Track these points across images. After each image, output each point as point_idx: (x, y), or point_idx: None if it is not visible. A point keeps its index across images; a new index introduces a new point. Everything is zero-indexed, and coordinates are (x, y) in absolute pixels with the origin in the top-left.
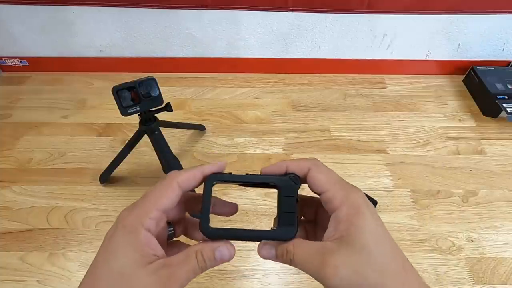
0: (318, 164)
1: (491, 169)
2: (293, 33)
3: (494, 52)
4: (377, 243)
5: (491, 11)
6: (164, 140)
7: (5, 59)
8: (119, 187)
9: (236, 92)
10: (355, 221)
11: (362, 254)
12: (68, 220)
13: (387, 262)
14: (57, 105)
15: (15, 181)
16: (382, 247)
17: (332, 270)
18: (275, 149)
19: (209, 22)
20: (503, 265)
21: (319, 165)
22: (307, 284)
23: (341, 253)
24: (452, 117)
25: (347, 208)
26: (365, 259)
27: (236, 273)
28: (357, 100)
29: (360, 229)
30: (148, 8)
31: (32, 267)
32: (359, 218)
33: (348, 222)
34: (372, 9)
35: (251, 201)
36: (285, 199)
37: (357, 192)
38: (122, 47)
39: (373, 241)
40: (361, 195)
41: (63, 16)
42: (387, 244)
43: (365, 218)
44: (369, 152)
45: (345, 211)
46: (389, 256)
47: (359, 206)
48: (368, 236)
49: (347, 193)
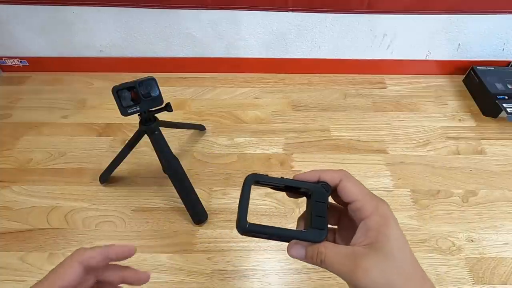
0: (349, 176)
1: (491, 169)
2: (293, 33)
3: (494, 52)
4: (400, 251)
5: (491, 11)
6: (164, 140)
7: (5, 59)
8: (119, 187)
9: (236, 92)
10: (383, 230)
11: (389, 260)
12: (68, 220)
13: (408, 269)
14: (57, 105)
15: (15, 181)
16: (404, 255)
17: (364, 272)
18: (275, 149)
19: (209, 22)
20: (503, 265)
21: (349, 176)
22: (307, 284)
23: (371, 257)
24: (452, 117)
25: (377, 218)
26: (391, 264)
27: (236, 273)
28: (357, 100)
29: (388, 238)
30: (148, 8)
31: (32, 267)
32: (387, 228)
33: (377, 231)
34: (372, 9)
35: (251, 201)
36: (317, 204)
37: (385, 204)
38: (122, 47)
39: (397, 249)
40: (389, 207)
41: (63, 16)
42: (408, 253)
43: (392, 228)
44: (369, 152)
45: (375, 220)
46: (409, 264)
47: (387, 217)
48: (394, 244)
49: (377, 204)
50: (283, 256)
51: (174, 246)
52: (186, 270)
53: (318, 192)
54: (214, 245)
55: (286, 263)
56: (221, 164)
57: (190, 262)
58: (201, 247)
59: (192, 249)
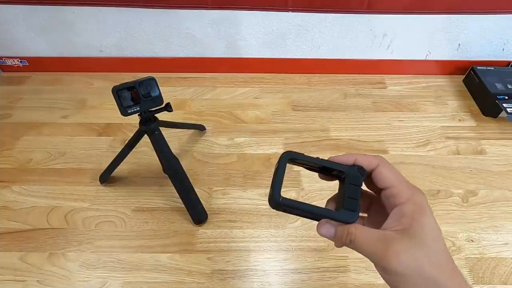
0: (386, 162)
1: (491, 169)
2: (293, 33)
3: (494, 52)
4: (434, 240)
5: (491, 11)
6: (164, 140)
7: (5, 59)
8: (119, 187)
9: (236, 92)
10: (418, 218)
11: (422, 247)
12: (68, 220)
13: (441, 259)
14: (57, 105)
15: (15, 181)
16: (438, 245)
17: (394, 255)
18: (275, 149)
19: (209, 22)
20: (503, 265)
21: (387, 163)
22: (307, 284)
23: (403, 242)
24: (452, 117)
25: (412, 205)
26: (425, 252)
27: (236, 273)
28: (357, 100)
29: (422, 226)
30: (148, 8)
31: (32, 267)
32: (422, 216)
33: (412, 218)
34: (372, 9)
35: (251, 201)
36: (351, 186)
37: (421, 193)
38: (122, 47)
39: (432, 238)
40: (425, 197)
41: (63, 16)
42: (441, 244)
43: (428, 217)
44: (369, 152)
45: (410, 207)
46: (442, 254)
47: (423, 206)
48: (428, 232)
49: (413, 192)
50: (283, 256)
51: (174, 246)
52: (186, 270)
53: (353, 175)
54: (214, 245)
55: (286, 263)
56: (221, 164)
57: (190, 262)
58: (201, 247)
59: (192, 249)
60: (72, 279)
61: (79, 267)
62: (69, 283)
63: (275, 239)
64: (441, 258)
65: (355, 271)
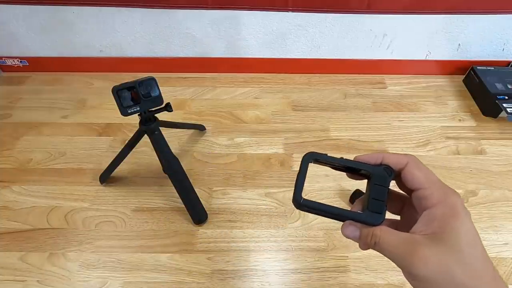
0: (416, 161)
1: (491, 169)
2: (293, 33)
3: (494, 52)
4: (470, 245)
5: (491, 11)
6: (164, 140)
7: (5, 59)
8: (119, 187)
9: (236, 92)
10: (451, 222)
11: (453, 253)
12: (68, 220)
13: (477, 265)
14: (57, 105)
15: (15, 181)
16: (474, 250)
17: (421, 260)
18: (275, 149)
19: (209, 22)
20: (503, 265)
21: (417, 161)
22: (307, 284)
23: (431, 248)
24: (452, 117)
25: (444, 208)
26: (456, 258)
27: (236, 273)
28: (357, 100)
29: (455, 230)
30: (148, 8)
31: (32, 267)
32: (455, 220)
33: (443, 221)
34: (372, 9)
35: (251, 201)
36: (376, 187)
37: (455, 195)
38: (122, 47)
39: (466, 244)
40: (460, 198)
41: (63, 16)
42: (479, 250)
43: (462, 220)
44: (369, 152)
45: (441, 210)
46: (479, 261)
47: (457, 208)
48: (462, 237)
49: (445, 194)
50: (283, 256)
51: (174, 246)
52: (186, 270)
53: (379, 175)
54: (214, 245)
55: (286, 263)
56: (221, 164)
57: (190, 262)
58: (201, 247)
59: (192, 249)
60: (72, 279)
61: (79, 267)
62: (69, 283)
63: (275, 239)
64: (478, 266)
65: (355, 271)
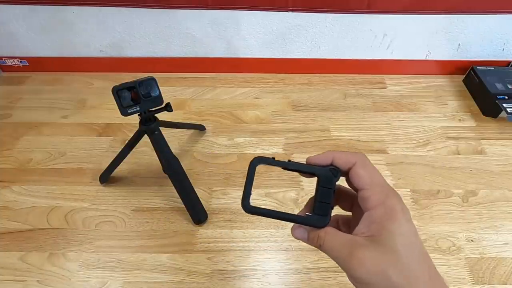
0: (364, 161)
1: (491, 169)
2: (293, 33)
3: (494, 52)
4: (406, 248)
5: (491, 11)
6: (164, 140)
7: (5, 59)
8: (119, 187)
9: (236, 92)
10: (388, 225)
11: (390, 255)
12: (68, 220)
13: (412, 267)
14: (57, 105)
15: (15, 181)
16: (410, 252)
17: (359, 262)
18: (275, 149)
19: (209, 22)
20: (503, 265)
21: (365, 161)
22: (307, 284)
23: (369, 249)
24: (452, 117)
25: (382, 211)
26: (392, 260)
27: (236, 273)
28: (357, 100)
29: (391, 233)
30: (148, 8)
31: (32, 267)
32: (392, 223)
33: (380, 224)
34: (372, 9)
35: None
36: (323, 189)
37: (395, 197)
38: (122, 47)
39: (402, 246)
40: (399, 201)
41: (63, 16)
42: (416, 251)
43: (399, 223)
44: (369, 152)
45: (379, 213)
46: (416, 262)
47: (395, 211)
48: (397, 240)
49: (386, 196)
50: (283, 256)
51: (174, 246)
52: (186, 270)
53: (325, 177)
54: (214, 245)
55: (286, 263)
56: (221, 164)
57: (190, 262)
58: (201, 247)
59: (192, 249)
60: (72, 279)
61: (79, 267)
62: (69, 283)
63: (275, 239)
64: (413, 266)
65: None
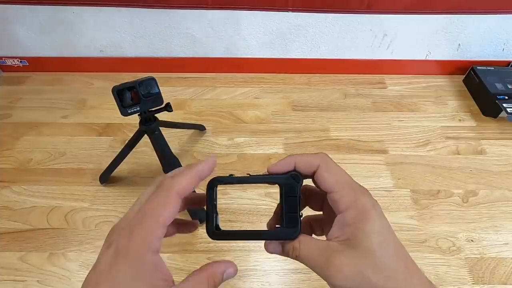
0: (327, 162)
1: (491, 169)
2: (293, 33)
3: (494, 52)
4: (381, 246)
5: (491, 11)
6: (164, 140)
7: (5, 59)
8: (119, 187)
9: (236, 92)
10: (361, 226)
11: (366, 257)
12: (68, 220)
13: (390, 264)
14: (57, 105)
15: (15, 181)
16: (386, 250)
17: (337, 269)
18: (275, 149)
19: (209, 22)
20: (503, 265)
21: (328, 163)
22: (307, 284)
23: (345, 254)
24: (452, 117)
25: (354, 212)
26: (369, 261)
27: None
28: (357, 100)
29: (366, 233)
30: (148, 8)
31: (32, 267)
32: (366, 223)
33: (354, 226)
34: (372, 9)
35: (251, 201)
36: (288, 199)
37: (365, 195)
38: (122, 47)
39: (378, 245)
40: (370, 198)
41: (63, 16)
42: (391, 247)
43: (372, 222)
44: (369, 152)
45: (352, 215)
46: (392, 258)
47: (366, 210)
48: (373, 239)
49: (355, 196)
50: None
51: (174, 246)
52: (186, 270)
53: (287, 185)
54: (214, 245)
55: (286, 263)
56: (221, 164)
57: (190, 262)
58: (201, 247)
59: (192, 249)
60: (72, 279)
61: (79, 267)
62: (69, 283)
63: None
64: (392, 264)
65: None
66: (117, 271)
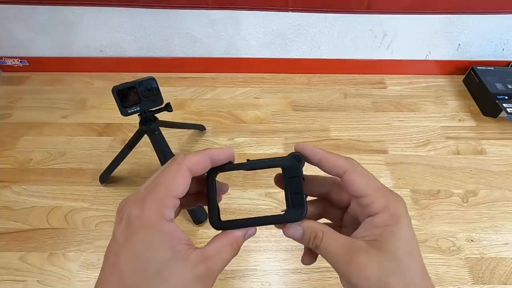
0: (356, 166)
1: (491, 169)
2: (293, 33)
3: (494, 52)
4: (408, 254)
5: (491, 11)
6: (164, 140)
7: (5, 59)
8: (119, 187)
9: (236, 92)
10: (391, 229)
11: (392, 262)
12: (68, 220)
13: (415, 277)
14: (57, 105)
15: (15, 181)
16: (412, 260)
17: (359, 268)
18: (275, 149)
19: (209, 22)
20: (503, 265)
21: (357, 167)
22: (307, 284)
23: (371, 255)
24: (452, 117)
25: (385, 215)
26: (394, 267)
27: (236, 273)
28: (357, 100)
29: (395, 237)
30: (148, 8)
31: (32, 267)
32: (397, 228)
33: (383, 229)
34: (372, 9)
35: (251, 201)
36: (291, 180)
37: (399, 202)
38: (122, 47)
39: (404, 252)
40: (403, 204)
41: (63, 16)
42: (417, 260)
43: (402, 227)
44: (369, 152)
45: (384, 219)
46: (418, 271)
47: (399, 215)
48: (400, 245)
49: (389, 201)
50: (283, 256)
51: None
52: None
53: (289, 166)
54: None
55: (286, 263)
56: None
57: None
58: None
59: None
60: (72, 279)
61: (79, 267)
62: (69, 283)
63: (275, 239)
64: (415, 276)
65: None
66: (134, 242)
